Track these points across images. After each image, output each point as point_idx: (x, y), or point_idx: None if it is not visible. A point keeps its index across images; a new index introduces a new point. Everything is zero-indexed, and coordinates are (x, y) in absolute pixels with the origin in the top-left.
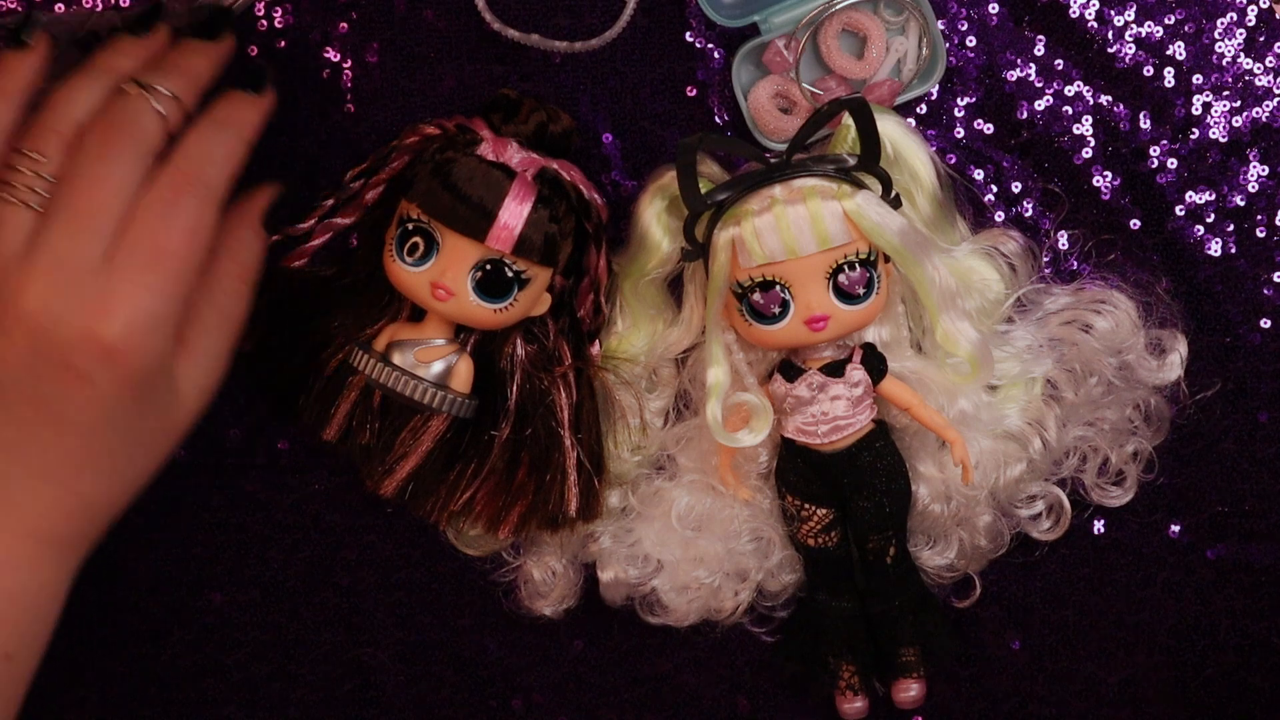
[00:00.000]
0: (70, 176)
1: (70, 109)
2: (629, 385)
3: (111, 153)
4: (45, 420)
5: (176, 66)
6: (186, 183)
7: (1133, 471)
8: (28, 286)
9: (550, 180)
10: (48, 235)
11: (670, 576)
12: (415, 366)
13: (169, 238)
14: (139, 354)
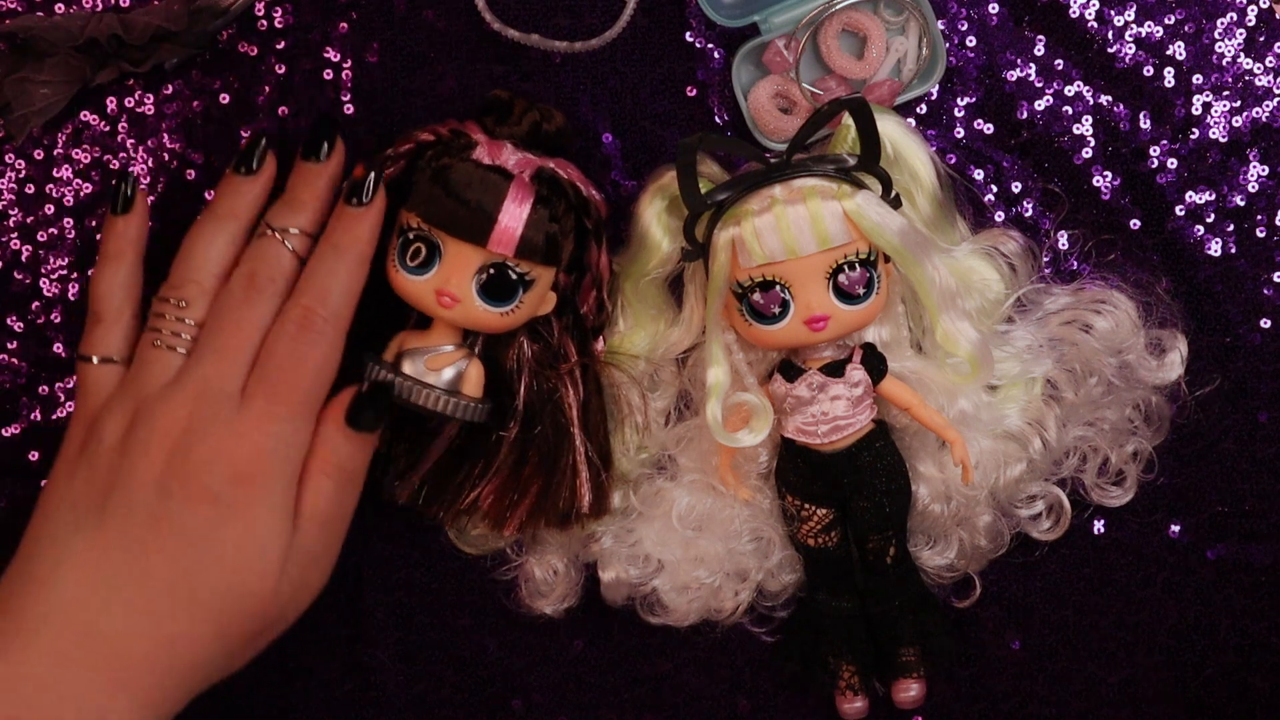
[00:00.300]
0: (217, 318)
1: (205, 258)
2: (634, 381)
3: (254, 298)
4: (160, 544)
5: (301, 202)
6: (310, 316)
7: (1133, 471)
8: (173, 410)
9: (548, 180)
10: (195, 368)
11: (671, 576)
12: (426, 374)
13: (295, 368)
14: (265, 479)
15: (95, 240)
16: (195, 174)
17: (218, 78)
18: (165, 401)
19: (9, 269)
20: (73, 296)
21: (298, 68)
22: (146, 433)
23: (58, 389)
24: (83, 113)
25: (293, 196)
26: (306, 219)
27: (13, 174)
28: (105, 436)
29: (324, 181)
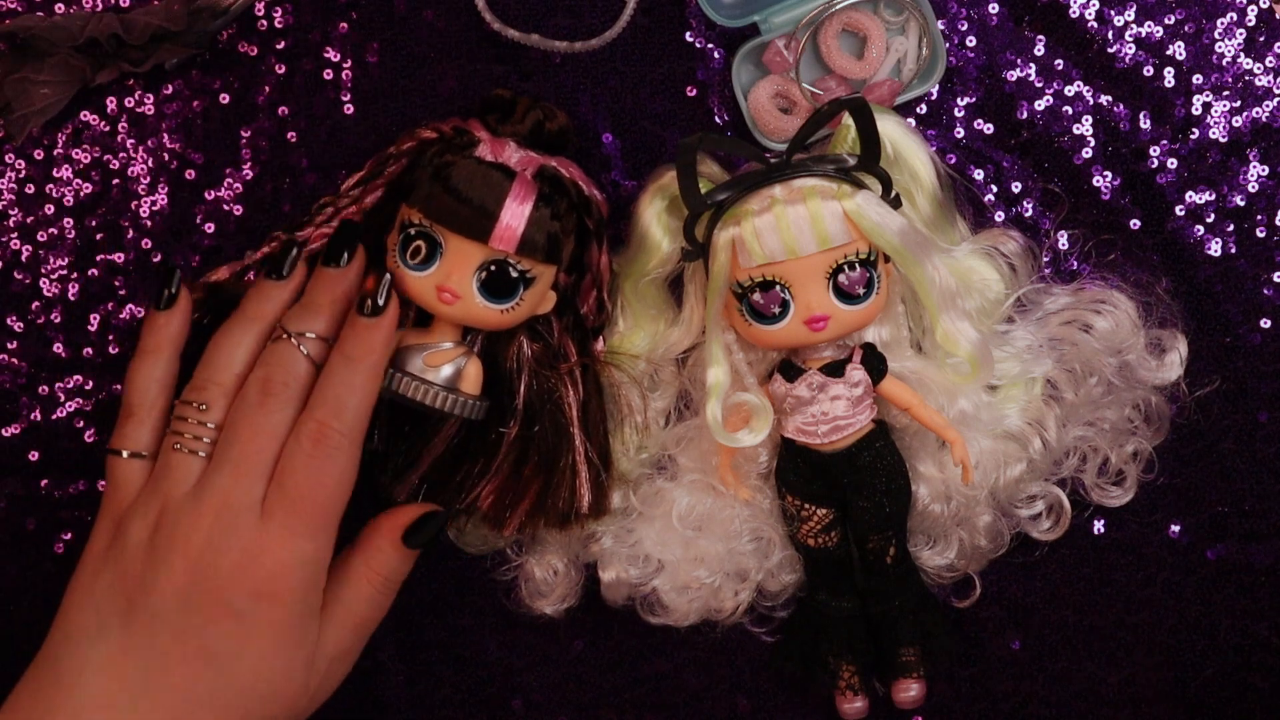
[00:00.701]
0: (233, 425)
1: (229, 360)
2: (634, 381)
3: (270, 404)
4: (185, 656)
5: (320, 306)
6: (326, 432)
7: (1133, 471)
8: (196, 525)
9: (550, 178)
10: (214, 478)
11: (671, 576)
12: (424, 371)
13: (314, 487)
14: (289, 595)
15: (95, 240)
16: (195, 174)
17: (218, 78)
18: (186, 514)
19: (9, 269)
20: (73, 296)
21: (298, 68)
22: (168, 545)
23: (58, 389)
24: (83, 113)
25: (310, 301)
26: (323, 324)
27: (13, 174)
28: (130, 540)
29: (342, 288)
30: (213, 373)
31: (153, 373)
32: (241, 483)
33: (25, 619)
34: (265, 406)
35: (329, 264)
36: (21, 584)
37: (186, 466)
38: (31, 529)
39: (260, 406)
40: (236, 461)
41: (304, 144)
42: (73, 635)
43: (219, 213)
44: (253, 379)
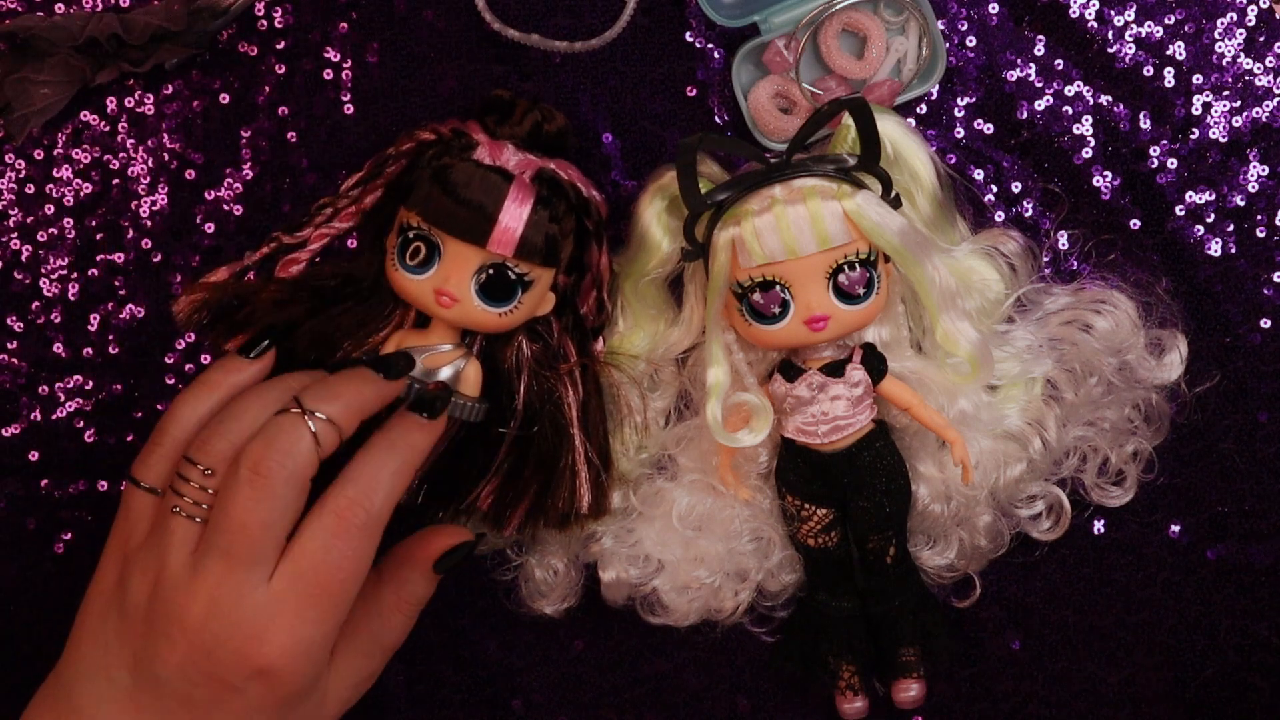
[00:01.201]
0: (223, 506)
1: (243, 421)
2: (634, 382)
3: (262, 481)
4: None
5: (341, 391)
6: (353, 513)
7: (1133, 471)
8: (191, 604)
9: (548, 180)
10: (207, 556)
11: (671, 576)
12: (424, 373)
13: (330, 570)
14: (292, 676)
15: (95, 240)
16: (195, 174)
17: (218, 78)
18: (181, 590)
19: (9, 269)
20: (73, 296)
21: (298, 68)
22: (166, 617)
23: (58, 389)
24: (83, 113)
25: (338, 386)
26: (340, 411)
27: (13, 174)
28: (132, 596)
29: (374, 394)
30: (224, 430)
31: (198, 410)
32: (235, 572)
33: (25, 619)
34: (255, 489)
35: (376, 369)
36: (21, 584)
37: (184, 532)
38: (31, 529)
39: (250, 486)
40: (226, 550)
41: (304, 144)
42: (86, 670)
43: (219, 213)
44: (248, 451)
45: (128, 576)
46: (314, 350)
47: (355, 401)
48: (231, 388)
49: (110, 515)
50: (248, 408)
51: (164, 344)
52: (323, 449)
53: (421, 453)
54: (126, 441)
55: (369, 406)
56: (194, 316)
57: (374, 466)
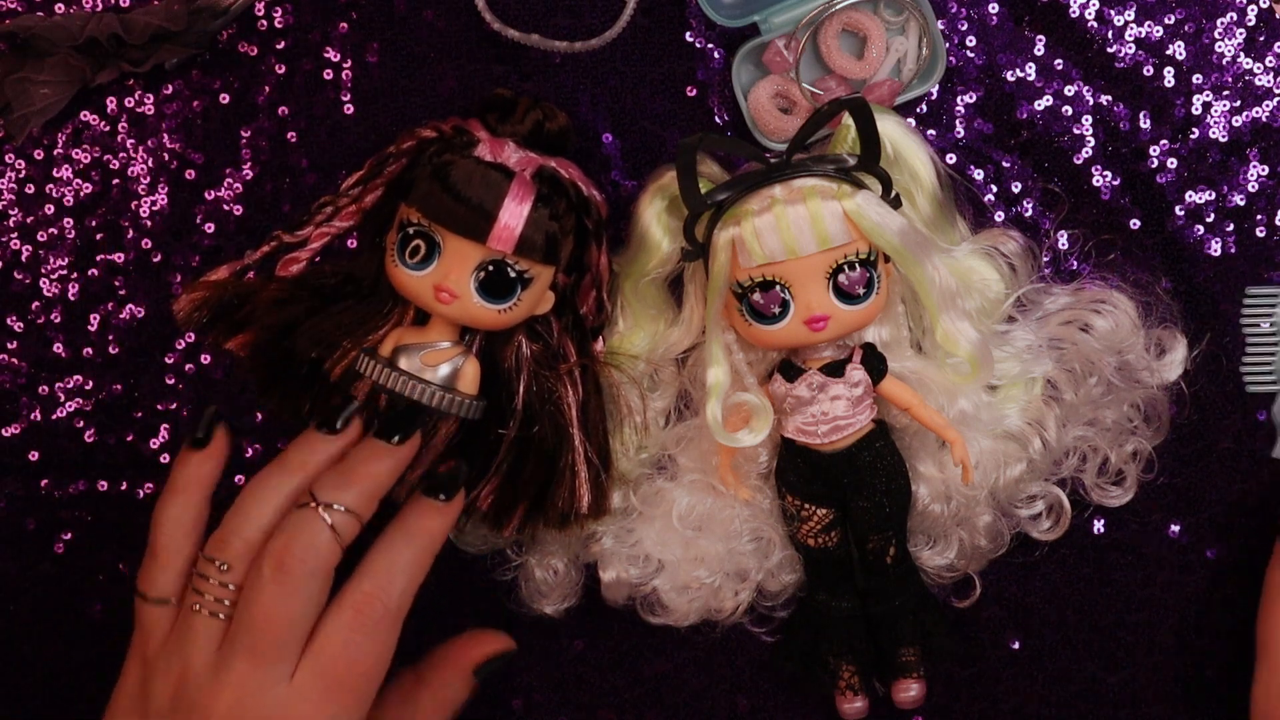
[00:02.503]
0: (248, 603)
1: (257, 515)
2: (634, 382)
3: (284, 583)
4: None
5: (355, 478)
6: (371, 607)
7: (1133, 471)
8: (216, 702)
9: (549, 178)
10: (233, 654)
11: (671, 576)
12: (422, 370)
13: (351, 664)
14: None
15: (95, 240)
16: (195, 174)
17: (218, 78)
18: (205, 689)
19: (9, 269)
20: (73, 296)
21: (298, 68)
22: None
23: (58, 389)
24: (83, 113)
25: (350, 470)
26: (357, 497)
27: (13, 174)
28: (155, 700)
29: (388, 466)
30: (239, 527)
31: (180, 514)
32: (260, 668)
33: (25, 619)
34: (280, 586)
35: (382, 437)
36: (21, 584)
37: (207, 630)
38: (31, 529)
39: (274, 583)
40: (252, 647)
41: (304, 144)
42: None
43: (219, 213)
44: (270, 548)
45: (150, 680)
46: (313, 349)
47: (371, 486)
48: (203, 484)
49: (110, 515)
50: (258, 503)
51: (164, 344)
52: (343, 539)
53: (439, 540)
54: (126, 441)
55: (386, 485)
56: (194, 315)
57: (391, 558)
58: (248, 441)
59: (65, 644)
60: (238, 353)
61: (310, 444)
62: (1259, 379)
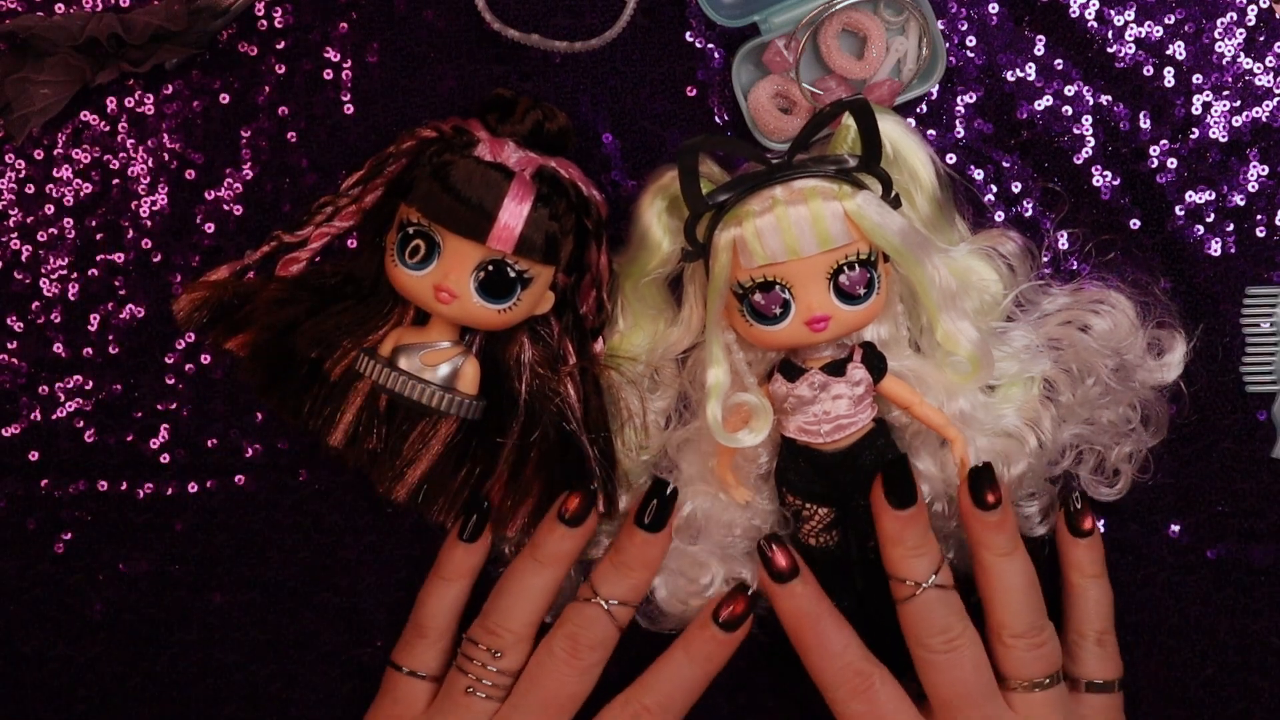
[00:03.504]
0: (538, 676)
1: (524, 607)
2: (633, 383)
3: (578, 663)
4: None
5: (629, 570)
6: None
7: (1127, 471)
8: None
9: (549, 178)
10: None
11: (668, 586)
12: (421, 370)
13: None
14: None
15: (95, 240)
16: (195, 174)
17: (218, 78)
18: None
19: (9, 269)
20: (73, 296)
21: (298, 68)
22: None
23: (58, 389)
24: (83, 113)
25: (621, 562)
26: (632, 590)
27: (13, 174)
28: None
29: (657, 552)
30: (505, 619)
31: (446, 599)
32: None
33: (25, 619)
34: (573, 664)
35: (648, 528)
36: (21, 584)
37: (479, 708)
38: (32, 529)
39: (568, 663)
40: (539, 712)
41: (304, 144)
42: None
43: (219, 213)
44: (560, 634)
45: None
46: (313, 348)
47: (645, 578)
48: (471, 574)
49: (110, 515)
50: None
51: (164, 344)
52: (621, 625)
53: (721, 663)
54: (126, 441)
55: (655, 573)
56: (194, 315)
57: (675, 681)
58: (248, 441)
59: (65, 644)
60: (238, 352)
61: (556, 536)
62: (1259, 379)
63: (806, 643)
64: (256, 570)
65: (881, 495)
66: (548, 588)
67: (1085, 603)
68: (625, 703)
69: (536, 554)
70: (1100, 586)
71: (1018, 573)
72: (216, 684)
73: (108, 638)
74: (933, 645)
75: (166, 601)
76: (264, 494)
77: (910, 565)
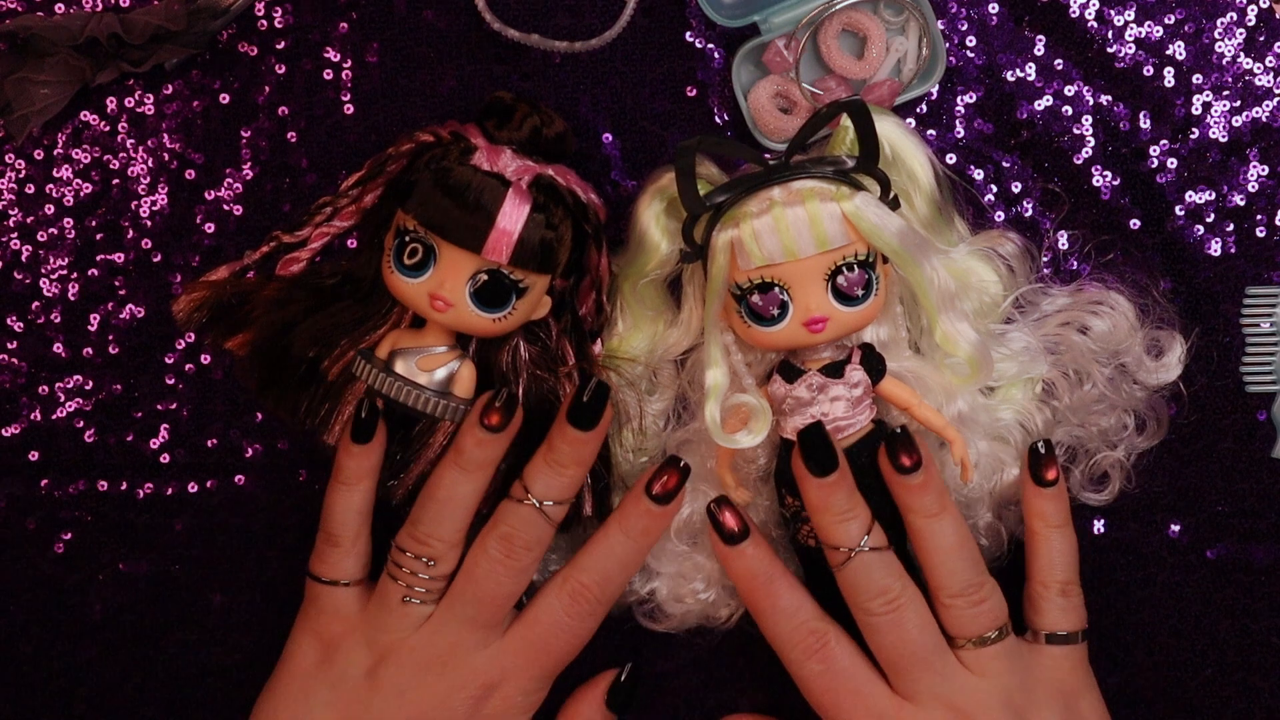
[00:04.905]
0: (473, 576)
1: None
2: (631, 386)
3: (513, 562)
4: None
5: (563, 468)
6: (586, 596)
7: (1116, 477)
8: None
9: (546, 187)
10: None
11: (668, 586)
12: (417, 374)
13: (558, 638)
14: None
15: (95, 240)
16: (195, 174)
17: (218, 78)
18: (417, 654)
19: (9, 269)
20: (72, 296)
21: (298, 68)
22: (396, 682)
23: (58, 389)
24: (83, 113)
25: (555, 461)
26: (565, 488)
27: (13, 174)
28: (352, 668)
29: (590, 449)
30: (434, 529)
31: (352, 503)
32: (476, 632)
33: (25, 619)
34: (509, 564)
35: (579, 425)
36: (21, 584)
37: (416, 613)
38: (32, 529)
39: (503, 563)
40: (474, 618)
41: (304, 144)
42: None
43: (219, 213)
44: (496, 535)
45: (340, 653)
46: (311, 348)
47: (577, 468)
48: (371, 474)
49: (110, 515)
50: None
51: (164, 344)
52: (555, 523)
53: (657, 538)
54: (126, 441)
55: (588, 469)
56: (194, 315)
57: (610, 556)
58: (248, 442)
59: (65, 644)
60: (237, 352)
61: (479, 441)
62: (1259, 379)
63: (759, 605)
64: (256, 570)
65: (801, 464)
66: (474, 493)
67: (1050, 553)
68: (563, 581)
69: (460, 460)
70: (1064, 536)
71: (948, 533)
72: (216, 684)
73: (108, 638)
74: (873, 608)
75: (166, 601)
76: (264, 494)
77: (840, 531)
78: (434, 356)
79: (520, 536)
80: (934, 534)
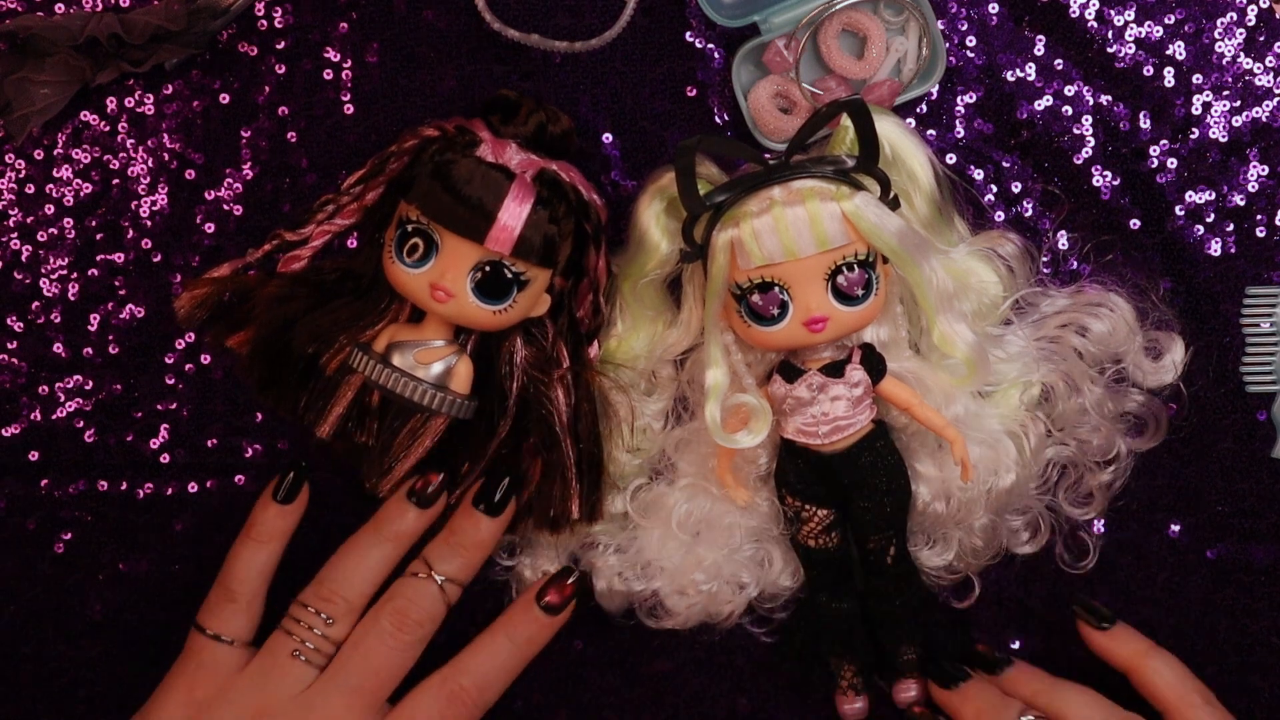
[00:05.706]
0: (361, 648)
1: (359, 577)
2: (624, 390)
3: (402, 638)
4: None
5: (465, 551)
6: (464, 700)
7: (1101, 499)
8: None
9: (549, 181)
10: (331, 692)
11: (671, 581)
12: (415, 368)
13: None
14: None
15: (95, 240)
16: (195, 174)
17: (218, 78)
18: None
19: (9, 269)
20: (72, 297)
21: (298, 68)
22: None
23: (58, 389)
24: (83, 113)
25: (458, 542)
26: (464, 571)
27: (13, 174)
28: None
29: (490, 535)
30: (341, 587)
31: (258, 561)
32: (355, 708)
33: (25, 619)
34: (399, 638)
35: (486, 512)
36: (21, 584)
37: (299, 674)
38: (32, 529)
39: (394, 635)
40: (357, 687)
41: (304, 144)
42: None
43: (219, 213)
44: (389, 608)
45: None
46: (310, 344)
47: (477, 558)
48: (284, 536)
49: (110, 515)
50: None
51: (164, 344)
52: (450, 603)
53: (541, 647)
54: (126, 441)
55: (488, 554)
56: (194, 312)
57: (492, 663)
58: (247, 442)
59: (65, 644)
60: (238, 350)
61: (403, 514)
62: (1259, 379)
63: None
64: None
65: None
66: (386, 561)
67: (1167, 676)
68: (442, 681)
69: (381, 528)
70: (1162, 655)
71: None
72: None
73: (108, 638)
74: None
75: (166, 601)
76: None
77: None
78: (432, 350)
79: (414, 611)
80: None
